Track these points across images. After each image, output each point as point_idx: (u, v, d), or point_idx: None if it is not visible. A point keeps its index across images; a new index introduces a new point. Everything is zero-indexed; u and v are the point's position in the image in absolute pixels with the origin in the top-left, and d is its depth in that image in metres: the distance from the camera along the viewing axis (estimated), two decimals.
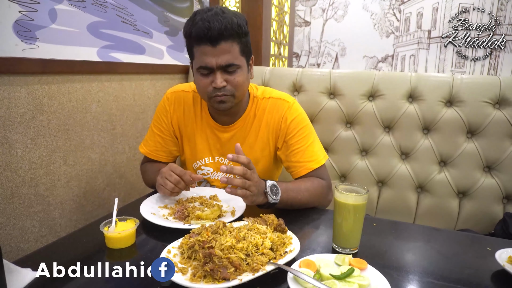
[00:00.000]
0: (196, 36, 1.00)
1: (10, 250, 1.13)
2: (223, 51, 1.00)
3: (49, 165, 1.23)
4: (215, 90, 1.04)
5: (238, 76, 1.05)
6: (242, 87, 1.08)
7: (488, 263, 0.80)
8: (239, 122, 1.19)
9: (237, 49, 1.04)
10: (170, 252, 0.75)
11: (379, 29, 2.68)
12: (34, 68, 1.14)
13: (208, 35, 0.98)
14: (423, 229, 1.04)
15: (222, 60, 1.01)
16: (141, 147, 1.27)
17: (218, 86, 1.03)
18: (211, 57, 1.01)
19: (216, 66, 1.02)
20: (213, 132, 1.20)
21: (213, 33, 0.97)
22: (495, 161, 1.45)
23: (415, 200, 1.56)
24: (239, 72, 1.06)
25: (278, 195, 0.98)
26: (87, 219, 1.41)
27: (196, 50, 1.03)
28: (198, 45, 1.02)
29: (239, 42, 1.04)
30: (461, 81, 1.47)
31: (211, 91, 1.05)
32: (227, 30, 0.98)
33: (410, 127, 1.53)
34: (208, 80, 1.05)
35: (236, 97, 1.08)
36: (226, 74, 1.04)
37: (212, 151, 1.22)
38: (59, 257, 0.80)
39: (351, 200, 0.81)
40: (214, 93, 1.05)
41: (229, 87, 1.05)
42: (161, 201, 1.07)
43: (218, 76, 1.03)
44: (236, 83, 1.05)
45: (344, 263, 0.72)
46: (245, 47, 1.07)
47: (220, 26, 0.97)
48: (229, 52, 1.01)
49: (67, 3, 1.23)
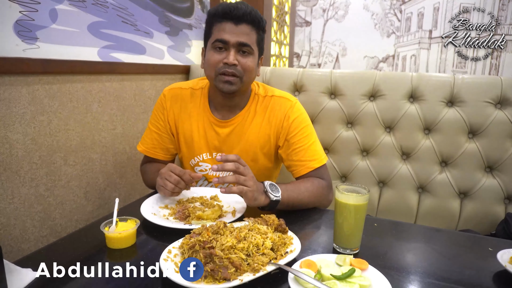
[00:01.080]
0: (221, 12, 1.07)
1: (10, 250, 1.13)
2: (243, 31, 1.07)
3: (49, 165, 1.23)
4: (224, 66, 1.08)
5: (249, 60, 1.10)
6: (250, 73, 1.12)
7: (489, 263, 0.79)
8: (238, 117, 1.19)
9: (254, 37, 1.11)
10: (170, 252, 0.75)
11: (380, 29, 2.67)
12: (34, 68, 1.14)
13: (233, 13, 1.06)
14: (424, 230, 1.04)
15: (240, 38, 1.07)
16: (138, 146, 1.28)
17: (230, 62, 1.07)
18: (231, 34, 1.07)
19: (232, 42, 1.07)
20: (211, 128, 1.21)
21: (238, 12, 1.06)
22: (496, 162, 1.45)
23: (416, 201, 1.56)
24: (251, 57, 1.11)
25: (279, 192, 0.98)
26: (88, 219, 1.41)
27: (216, 26, 1.09)
28: (220, 22, 1.08)
29: (257, 32, 1.11)
30: (462, 81, 1.47)
31: (221, 67, 1.08)
32: (251, 15, 1.07)
33: (411, 127, 1.52)
34: (220, 56, 1.09)
35: (243, 81, 1.11)
36: (239, 55, 1.09)
37: (210, 147, 1.22)
38: (60, 257, 0.80)
39: (352, 200, 0.81)
40: (223, 69, 1.08)
41: (239, 68, 1.09)
42: (162, 201, 1.07)
43: (232, 52, 1.07)
44: (246, 67, 1.09)
45: (345, 263, 0.72)
46: (261, 41, 1.14)
47: (245, 9, 1.07)
48: (248, 35, 1.08)
49: (68, 3, 1.23)
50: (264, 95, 1.21)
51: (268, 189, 0.97)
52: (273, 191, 0.97)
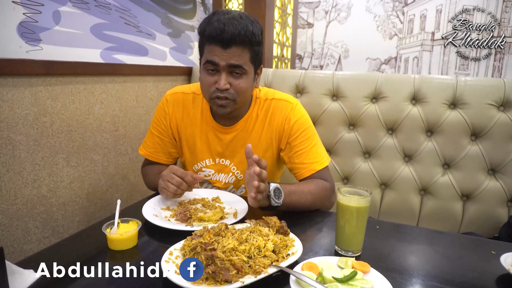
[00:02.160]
0: (208, 36, 1.01)
1: (13, 251, 1.14)
2: (233, 54, 1.01)
3: (52, 166, 1.24)
4: (217, 91, 1.04)
5: (242, 81, 1.05)
6: (244, 94, 1.08)
7: (492, 267, 0.79)
8: (241, 123, 1.19)
9: (247, 56, 1.04)
10: (172, 254, 0.75)
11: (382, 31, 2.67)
12: (37, 70, 1.15)
13: (220, 37, 0.99)
14: (427, 232, 1.03)
15: (230, 60, 1.01)
16: (140, 149, 1.27)
17: (220, 87, 1.03)
18: (220, 56, 1.01)
19: (222, 66, 1.02)
20: (214, 134, 1.20)
21: (225, 36, 0.98)
22: (499, 164, 1.44)
23: (418, 203, 1.55)
24: (244, 78, 1.06)
25: (281, 199, 0.97)
26: (90, 220, 1.41)
27: (207, 48, 1.04)
28: (209, 44, 1.03)
29: (250, 50, 1.04)
30: (465, 83, 1.46)
31: (213, 91, 1.05)
32: (240, 36, 0.99)
33: (413, 130, 1.52)
34: (212, 79, 1.05)
35: (237, 103, 1.08)
36: (231, 77, 1.04)
37: (212, 153, 1.21)
38: (62, 258, 0.80)
39: (354, 202, 0.81)
40: (216, 94, 1.05)
41: (232, 91, 1.05)
42: (163, 202, 1.07)
43: (223, 77, 1.03)
44: (239, 89, 1.05)
45: (346, 266, 0.72)
46: (256, 56, 1.07)
47: (234, 31, 0.98)
48: (239, 56, 1.02)
49: (71, 5, 1.24)
50: (265, 98, 1.20)
51: (271, 194, 0.95)
52: (276, 197, 0.96)
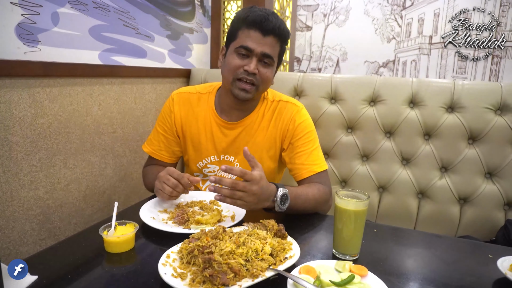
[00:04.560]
0: (252, 20, 1.07)
1: (9, 253, 1.13)
2: (269, 43, 1.08)
3: (49, 168, 1.23)
4: (244, 73, 1.09)
5: (269, 71, 1.12)
6: (267, 84, 1.14)
7: (489, 270, 0.79)
8: (247, 120, 1.21)
9: (277, 50, 1.13)
10: (169, 257, 0.74)
11: (381, 34, 2.68)
12: (35, 71, 1.14)
13: (264, 24, 1.06)
14: (424, 236, 1.04)
15: (265, 49, 1.08)
16: (144, 146, 1.29)
17: (251, 70, 1.08)
18: (257, 43, 1.07)
19: (256, 52, 1.08)
20: (219, 130, 1.22)
21: (269, 24, 1.06)
22: (496, 168, 1.45)
23: (416, 206, 1.56)
24: (271, 68, 1.12)
25: (286, 205, 0.97)
26: (87, 222, 1.40)
27: (243, 32, 1.09)
28: (249, 29, 1.08)
29: (281, 45, 1.13)
30: (462, 87, 1.47)
31: (241, 72, 1.09)
32: (280, 29, 1.09)
33: (411, 133, 1.52)
34: (242, 62, 1.09)
35: (259, 90, 1.13)
36: (260, 64, 1.10)
37: (217, 150, 1.23)
38: (58, 261, 0.80)
39: (352, 206, 0.81)
40: (242, 75, 1.09)
41: (258, 77, 1.10)
42: (161, 205, 1.06)
43: (254, 61, 1.08)
44: (265, 77, 1.11)
45: (344, 269, 0.72)
46: (282, 53, 1.16)
47: (275, 22, 1.07)
48: (273, 47, 1.10)
49: (69, 7, 1.24)
50: (272, 99, 1.24)
51: (278, 199, 0.94)
52: (282, 203, 0.96)
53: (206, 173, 1.27)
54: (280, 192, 0.95)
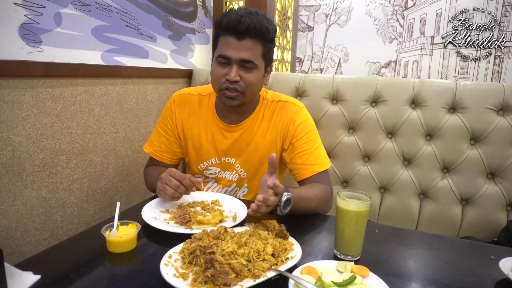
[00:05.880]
0: (225, 26, 1.05)
1: (11, 252, 1.13)
2: (245, 47, 1.05)
3: (51, 168, 1.24)
4: (227, 82, 1.07)
5: (253, 75, 1.09)
6: (253, 88, 1.11)
7: (491, 271, 0.79)
8: (247, 122, 1.20)
9: (260, 50, 1.08)
10: (171, 257, 0.75)
11: (382, 34, 2.68)
12: (38, 71, 1.15)
13: (236, 28, 1.03)
14: (426, 236, 1.04)
15: (242, 54, 1.05)
16: (145, 147, 1.29)
17: (231, 79, 1.05)
18: (233, 49, 1.05)
19: (234, 59, 1.05)
20: (220, 132, 1.22)
21: (242, 27, 1.02)
22: (498, 168, 1.44)
23: (417, 207, 1.55)
24: (255, 72, 1.09)
25: (287, 210, 0.96)
26: (89, 222, 1.41)
27: (221, 39, 1.08)
28: (225, 35, 1.06)
29: (262, 45, 1.08)
30: (464, 88, 1.47)
31: (223, 82, 1.08)
32: (256, 29, 1.03)
33: (413, 133, 1.52)
34: (223, 70, 1.08)
35: (246, 96, 1.10)
36: (242, 70, 1.07)
37: (218, 152, 1.23)
38: (60, 260, 0.80)
39: (353, 206, 0.81)
40: (225, 85, 1.07)
41: (242, 83, 1.08)
42: (163, 205, 1.07)
43: (234, 69, 1.06)
44: (249, 82, 1.08)
45: (346, 270, 0.72)
46: (267, 53, 1.11)
47: (250, 23, 1.02)
48: (251, 50, 1.06)
49: (72, 7, 1.24)
50: (271, 100, 1.23)
51: (281, 204, 0.93)
52: (284, 207, 0.95)
53: (207, 175, 1.27)
54: (285, 197, 0.93)
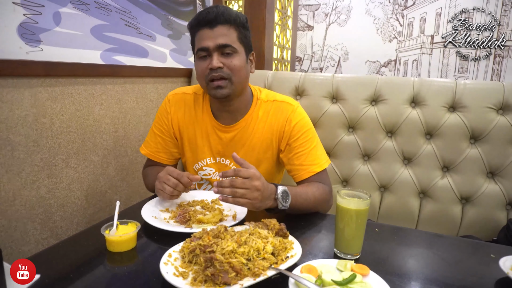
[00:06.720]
0: (195, 22, 1.08)
1: (11, 252, 1.13)
2: (220, 33, 1.06)
3: (51, 167, 1.23)
4: (211, 72, 1.07)
5: (235, 59, 1.08)
6: (239, 72, 1.10)
7: (491, 270, 0.79)
8: (241, 123, 1.19)
9: (235, 34, 1.08)
10: (171, 256, 0.74)
11: (382, 33, 2.68)
12: (37, 71, 1.14)
13: (206, 18, 1.06)
14: (426, 235, 1.03)
15: (218, 40, 1.06)
16: (142, 149, 1.28)
17: (213, 66, 1.06)
18: (208, 39, 1.06)
19: (212, 47, 1.06)
20: (214, 133, 1.21)
21: (210, 16, 1.05)
22: (498, 167, 1.44)
23: (417, 206, 1.55)
24: (236, 56, 1.09)
25: (288, 202, 0.97)
26: (89, 221, 1.41)
27: (196, 37, 1.10)
28: (198, 31, 1.08)
29: (236, 30, 1.09)
30: (464, 87, 1.47)
31: (208, 74, 1.08)
32: (224, 15, 1.06)
33: (412, 132, 1.52)
34: (205, 63, 1.08)
35: (233, 83, 1.09)
36: (222, 57, 1.08)
37: (213, 152, 1.22)
38: (60, 260, 0.80)
39: (353, 205, 0.81)
40: (210, 75, 1.07)
41: (226, 69, 1.07)
42: (162, 204, 1.07)
43: (215, 56, 1.06)
44: (232, 66, 1.08)
45: (346, 269, 0.72)
46: (244, 37, 1.11)
47: (217, 11, 1.06)
48: (226, 35, 1.07)
49: (71, 6, 1.24)
50: (266, 99, 1.21)
51: (279, 197, 0.94)
52: (283, 200, 0.95)
53: (201, 176, 1.26)
54: (280, 189, 0.95)
